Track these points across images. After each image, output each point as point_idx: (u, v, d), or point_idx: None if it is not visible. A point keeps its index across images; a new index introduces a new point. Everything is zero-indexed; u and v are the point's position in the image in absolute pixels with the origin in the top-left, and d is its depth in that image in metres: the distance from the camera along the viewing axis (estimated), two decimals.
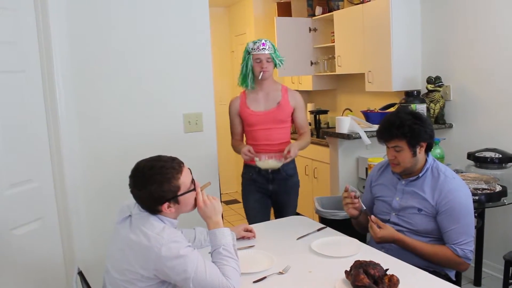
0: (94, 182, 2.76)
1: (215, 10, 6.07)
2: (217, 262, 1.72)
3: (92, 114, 2.73)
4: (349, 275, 1.73)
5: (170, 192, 1.71)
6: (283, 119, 3.01)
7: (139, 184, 1.71)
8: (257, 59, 2.93)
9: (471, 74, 3.63)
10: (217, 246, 1.76)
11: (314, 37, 5.37)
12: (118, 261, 1.70)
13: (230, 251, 1.75)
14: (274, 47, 3.00)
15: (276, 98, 3.01)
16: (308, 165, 4.93)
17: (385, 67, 4.05)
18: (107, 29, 2.73)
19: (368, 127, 3.77)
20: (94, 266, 2.62)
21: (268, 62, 2.93)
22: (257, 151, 2.94)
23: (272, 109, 2.98)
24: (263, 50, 2.92)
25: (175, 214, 1.78)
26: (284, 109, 3.00)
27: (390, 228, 2.22)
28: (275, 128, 2.99)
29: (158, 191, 1.68)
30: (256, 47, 2.93)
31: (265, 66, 2.92)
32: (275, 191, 3.07)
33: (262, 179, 3.04)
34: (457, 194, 2.16)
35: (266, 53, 2.92)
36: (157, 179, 1.68)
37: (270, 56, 2.94)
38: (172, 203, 1.73)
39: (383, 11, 4.00)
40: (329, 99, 5.66)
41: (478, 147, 3.31)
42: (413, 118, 2.19)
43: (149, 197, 1.69)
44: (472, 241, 2.17)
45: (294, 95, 3.08)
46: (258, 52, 2.92)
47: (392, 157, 2.24)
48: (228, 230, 1.82)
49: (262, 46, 2.92)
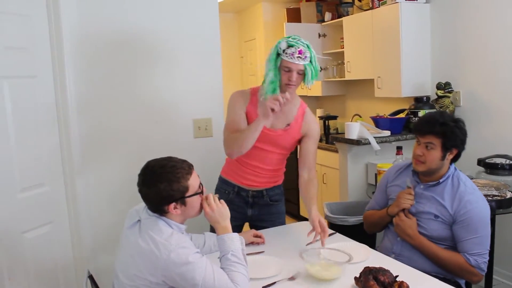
0: (105, 187, 2.78)
1: (224, 16, 6.09)
2: (225, 268, 1.72)
3: (103, 119, 2.75)
4: (359, 282, 1.73)
5: (178, 192, 1.71)
6: (286, 146, 2.45)
7: (149, 181, 1.71)
8: (285, 68, 2.23)
9: (481, 79, 3.61)
10: (226, 252, 1.75)
11: (323, 43, 5.38)
12: (127, 267, 1.70)
13: (239, 257, 1.75)
14: (313, 54, 2.25)
15: (288, 118, 2.40)
16: (317, 171, 4.91)
17: (395, 73, 4.04)
18: (119, 36, 2.75)
19: (378, 133, 3.76)
20: (104, 271, 2.64)
21: (299, 75, 2.24)
22: (244, 171, 2.46)
23: (279, 131, 2.39)
24: (298, 59, 2.19)
25: (180, 217, 1.77)
26: (291, 135, 2.42)
27: (415, 222, 2.21)
28: (273, 153, 2.44)
29: (167, 189, 1.68)
30: (290, 53, 2.20)
31: (294, 79, 2.23)
32: (255, 218, 2.57)
33: (240, 201, 2.52)
34: (477, 205, 2.14)
35: (301, 63, 2.21)
36: (167, 178, 1.69)
37: (304, 68, 2.23)
38: (179, 204, 1.73)
39: (392, 16, 3.99)
40: (338, 104, 5.66)
41: (488, 153, 3.29)
42: (455, 122, 2.18)
43: (158, 195, 1.69)
44: (487, 253, 2.14)
45: (310, 123, 2.46)
46: (291, 59, 2.20)
47: (421, 153, 2.20)
48: (236, 235, 1.82)
49: (298, 54, 2.19)
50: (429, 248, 2.17)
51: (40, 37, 2.46)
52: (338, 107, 5.64)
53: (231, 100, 2.43)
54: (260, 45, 5.91)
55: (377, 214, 2.44)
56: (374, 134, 3.68)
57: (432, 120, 2.19)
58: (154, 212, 1.74)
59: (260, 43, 5.91)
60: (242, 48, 6.50)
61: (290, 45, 2.21)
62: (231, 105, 2.42)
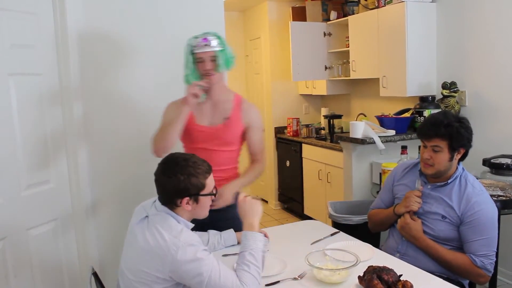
0: (110, 184, 2.79)
1: (229, 14, 6.10)
2: (239, 265, 1.71)
3: (108, 116, 2.76)
4: (363, 281, 1.73)
5: (195, 188, 1.73)
6: (230, 140, 2.38)
7: (169, 171, 1.73)
8: (198, 59, 2.28)
9: (487, 79, 3.60)
10: (245, 249, 1.75)
11: (328, 42, 5.37)
12: (134, 263, 1.71)
13: (256, 258, 1.73)
14: (223, 42, 2.34)
15: (225, 112, 2.38)
16: (322, 170, 4.92)
17: (400, 72, 4.03)
18: (124, 34, 2.76)
19: (382, 132, 3.75)
20: (108, 267, 2.65)
21: (212, 62, 2.28)
22: None
23: (218, 126, 2.35)
24: (205, 47, 2.26)
25: (190, 214, 1.79)
26: (232, 128, 2.36)
27: (420, 225, 2.21)
28: (219, 151, 2.36)
29: (185, 182, 1.71)
30: (197, 44, 2.27)
31: (209, 67, 2.27)
32: (210, 227, 2.25)
33: None
34: (485, 207, 2.13)
35: (209, 50, 2.27)
36: (188, 171, 1.72)
37: (215, 55, 2.28)
38: (192, 200, 1.75)
39: (398, 16, 3.98)
40: (343, 103, 5.65)
41: (493, 153, 3.28)
42: (460, 122, 2.16)
43: (175, 186, 1.71)
44: (493, 254, 2.13)
45: (249, 110, 2.43)
46: (199, 49, 2.27)
47: (428, 156, 2.18)
48: (261, 235, 1.80)
49: (203, 42, 2.27)
50: (435, 250, 2.17)
51: (46, 35, 2.47)
52: (343, 106, 5.64)
53: (166, 111, 2.41)
54: (265, 43, 5.91)
55: (382, 213, 2.44)
56: (379, 133, 3.68)
57: (436, 122, 2.16)
58: (165, 205, 1.75)
59: (265, 42, 5.91)
60: (247, 46, 6.50)
61: (195, 37, 2.30)
62: (163, 114, 2.40)
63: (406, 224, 2.22)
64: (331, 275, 1.82)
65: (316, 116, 5.99)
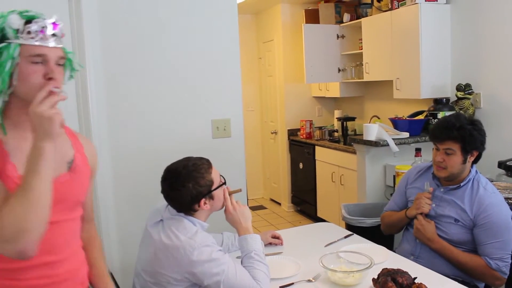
0: (124, 186, 2.81)
1: (243, 17, 6.12)
2: (248, 266, 1.75)
3: (123, 119, 2.79)
4: (377, 283, 1.73)
5: (206, 187, 1.76)
6: (79, 199, 1.47)
7: (177, 184, 1.75)
8: (36, 57, 1.26)
9: (502, 81, 3.57)
10: (249, 251, 1.79)
11: (342, 44, 5.36)
12: (150, 264, 1.73)
13: (261, 256, 1.79)
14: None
15: (65, 150, 1.43)
16: (335, 172, 4.92)
17: (414, 74, 4.02)
18: (138, 38, 2.78)
19: (396, 134, 3.74)
20: (123, 269, 2.67)
21: (59, 67, 1.31)
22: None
23: (61, 177, 1.37)
24: (49, 40, 1.28)
25: (209, 212, 1.82)
26: (82, 177, 1.46)
27: (434, 226, 2.20)
28: (67, 221, 1.41)
29: (196, 187, 1.74)
30: (34, 31, 1.26)
31: (57, 75, 1.28)
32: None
33: None
34: (498, 209, 2.11)
35: (58, 47, 1.31)
36: (193, 176, 1.75)
37: (65, 56, 1.35)
38: (208, 199, 1.78)
39: (412, 17, 3.97)
40: (357, 106, 5.64)
41: (509, 155, 3.25)
42: (472, 125, 2.15)
43: (188, 195, 1.73)
44: (508, 257, 2.11)
45: (89, 145, 1.59)
46: (40, 42, 1.26)
47: (441, 159, 2.17)
48: (259, 236, 1.86)
49: (50, 30, 1.29)
50: (450, 252, 2.16)
51: None
52: (357, 109, 5.62)
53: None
54: (278, 46, 5.92)
55: (395, 216, 2.43)
56: (393, 135, 3.66)
57: (449, 125, 2.15)
58: (183, 212, 1.77)
59: (279, 44, 5.92)
60: (260, 49, 6.52)
61: (27, 17, 1.27)
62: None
63: (421, 226, 2.22)
64: (345, 278, 1.83)
65: (329, 118, 5.99)
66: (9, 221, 1.17)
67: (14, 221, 1.17)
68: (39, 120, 1.19)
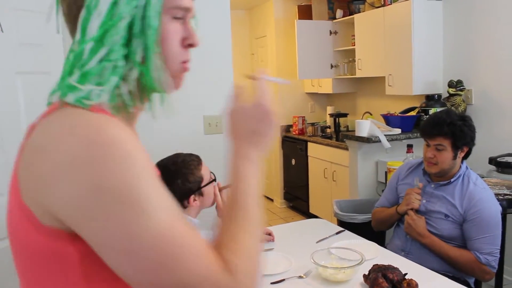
0: None
1: (235, 12, 6.10)
2: None
3: None
4: (368, 279, 1.73)
5: (195, 184, 1.76)
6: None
7: (166, 181, 1.73)
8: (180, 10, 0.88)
9: (494, 78, 3.59)
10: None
11: (334, 40, 5.36)
12: None
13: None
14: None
15: None
16: (327, 168, 4.92)
17: (406, 71, 4.03)
18: None
19: (388, 130, 3.75)
20: None
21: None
22: None
23: None
24: None
25: (199, 208, 1.81)
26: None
27: (424, 221, 2.21)
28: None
29: (185, 183, 1.73)
30: None
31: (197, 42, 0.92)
32: None
33: None
34: (487, 205, 2.13)
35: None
36: (182, 172, 1.74)
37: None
38: (197, 196, 1.77)
39: (404, 14, 3.98)
40: (349, 102, 5.65)
41: (500, 152, 3.27)
42: (463, 120, 2.17)
43: (177, 192, 1.73)
44: (497, 252, 2.13)
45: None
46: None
47: (432, 155, 2.19)
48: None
49: None
50: (440, 247, 2.17)
51: (54, 34, 2.48)
52: (349, 105, 5.63)
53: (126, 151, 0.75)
54: (271, 42, 5.91)
55: (386, 212, 2.44)
56: (385, 132, 3.67)
57: (439, 121, 2.17)
58: None
59: (271, 40, 5.91)
60: (253, 45, 6.50)
61: None
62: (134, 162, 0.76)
63: (412, 221, 2.23)
64: (336, 274, 1.83)
65: (322, 114, 5.99)
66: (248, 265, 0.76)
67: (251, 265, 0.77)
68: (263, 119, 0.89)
